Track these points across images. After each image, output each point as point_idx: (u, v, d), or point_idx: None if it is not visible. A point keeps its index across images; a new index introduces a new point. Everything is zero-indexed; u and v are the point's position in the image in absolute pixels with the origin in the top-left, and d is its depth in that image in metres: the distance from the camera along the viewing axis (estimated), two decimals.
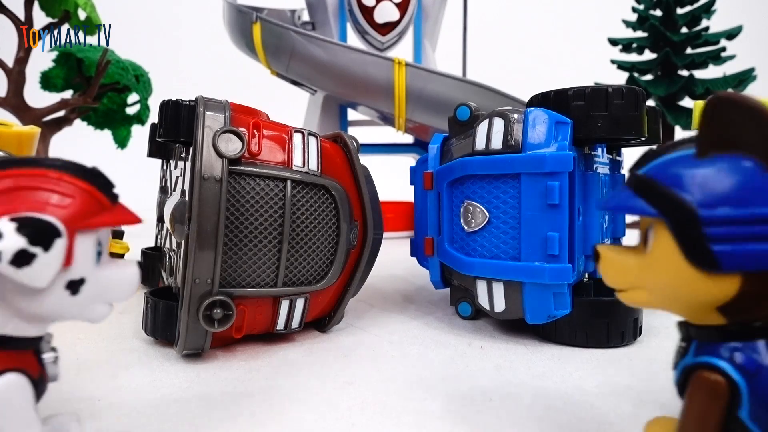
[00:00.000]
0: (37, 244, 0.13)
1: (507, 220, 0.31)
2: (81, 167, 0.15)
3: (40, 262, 0.13)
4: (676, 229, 0.14)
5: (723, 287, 0.14)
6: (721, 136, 0.14)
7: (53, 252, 0.14)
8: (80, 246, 0.15)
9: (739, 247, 0.13)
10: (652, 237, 0.15)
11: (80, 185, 0.15)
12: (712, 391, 0.14)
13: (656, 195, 0.14)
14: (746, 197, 0.14)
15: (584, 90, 0.30)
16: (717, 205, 0.14)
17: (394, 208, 0.80)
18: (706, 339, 0.15)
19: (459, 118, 0.35)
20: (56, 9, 0.78)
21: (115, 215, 0.15)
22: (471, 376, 0.26)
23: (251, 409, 0.23)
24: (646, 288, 0.15)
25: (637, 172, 0.15)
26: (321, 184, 0.30)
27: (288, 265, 0.29)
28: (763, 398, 0.14)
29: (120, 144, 0.95)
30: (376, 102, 0.74)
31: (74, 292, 0.15)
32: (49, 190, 0.14)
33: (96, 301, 0.16)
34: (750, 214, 0.13)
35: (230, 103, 0.29)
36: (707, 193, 0.14)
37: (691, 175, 0.14)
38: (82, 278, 0.15)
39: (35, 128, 0.51)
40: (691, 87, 0.99)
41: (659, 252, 0.15)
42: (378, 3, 0.81)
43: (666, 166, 0.15)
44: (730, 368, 0.14)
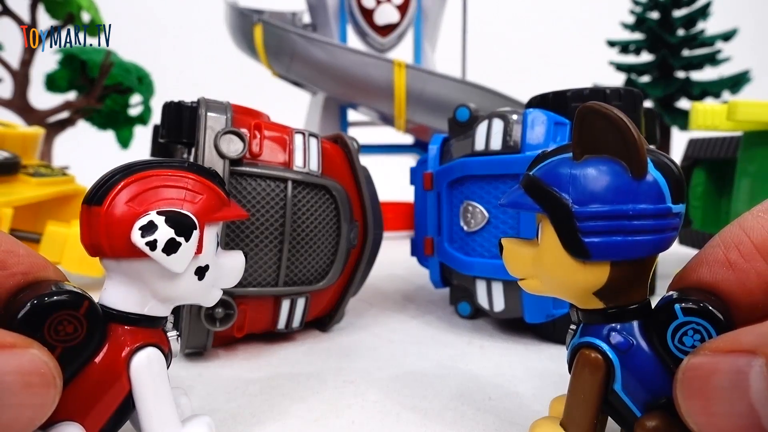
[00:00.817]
0: (181, 235, 0.16)
1: (506, 220, 0.31)
2: (203, 168, 0.18)
3: (182, 250, 0.16)
4: (556, 223, 0.16)
5: (595, 274, 0.16)
6: (591, 142, 0.16)
7: (192, 242, 0.16)
8: (207, 237, 0.17)
9: (606, 240, 0.15)
10: (541, 231, 0.17)
11: (206, 183, 0.17)
12: (591, 366, 0.16)
13: (541, 193, 0.16)
14: (612, 196, 0.15)
15: (582, 91, 0.31)
16: (588, 203, 0.15)
17: (394, 208, 0.80)
18: (590, 321, 0.17)
19: (458, 119, 0.35)
20: (60, 11, 0.79)
21: (232, 210, 0.18)
22: (471, 376, 0.27)
23: (252, 408, 0.23)
24: (537, 276, 0.17)
25: (527, 173, 0.17)
26: (322, 184, 0.30)
27: (289, 264, 0.29)
28: (634, 372, 0.16)
29: (123, 144, 0.96)
30: (376, 103, 0.75)
31: (201, 278, 0.17)
32: (183, 188, 0.17)
33: (214, 285, 0.18)
34: (615, 210, 0.15)
35: (232, 105, 0.29)
36: (580, 191, 0.16)
37: (567, 175, 0.16)
38: (207, 265, 0.17)
39: (39, 129, 0.51)
40: (687, 88, 0.99)
41: (545, 244, 0.17)
42: (378, 5, 0.82)
43: (550, 167, 0.17)
44: (605, 346, 0.16)
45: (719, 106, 0.43)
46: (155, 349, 0.17)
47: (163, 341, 0.17)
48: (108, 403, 0.16)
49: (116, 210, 0.16)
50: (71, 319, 0.15)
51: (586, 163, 0.16)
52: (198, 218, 0.16)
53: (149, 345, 0.17)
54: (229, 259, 0.18)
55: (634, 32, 1.07)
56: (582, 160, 0.16)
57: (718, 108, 0.43)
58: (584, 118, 0.16)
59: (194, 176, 0.17)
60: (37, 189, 0.43)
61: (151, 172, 0.17)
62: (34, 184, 0.43)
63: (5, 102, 0.78)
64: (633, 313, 0.16)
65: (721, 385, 0.13)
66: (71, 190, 0.47)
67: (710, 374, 0.13)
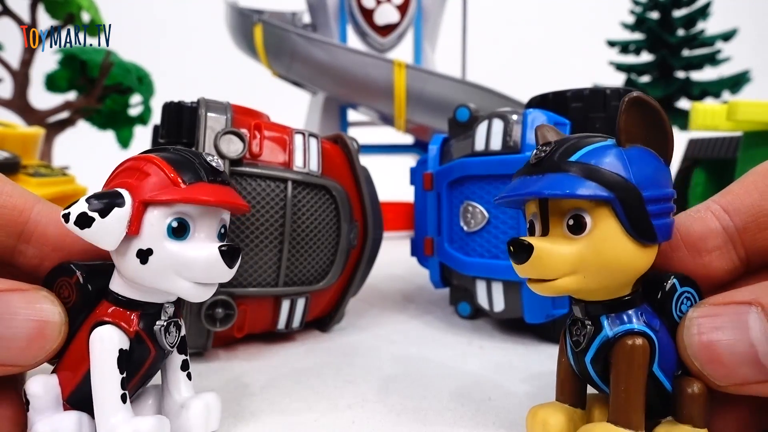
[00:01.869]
0: (95, 211, 0.16)
1: (506, 220, 0.31)
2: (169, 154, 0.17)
3: (97, 225, 0.16)
4: (627, 208, 0.16)
5: (650, 257, 0.16)
6: (635, 130, 0.16)
7: (109, 219, 0.16)
8: (149, 218, 0.16)
9: (664, 221, 0.16)
10: (591, 221, 0.16)
11: (160, 166, 0.17)
12: (643, 352, 0.16)
13: (608, 179, 0.16)
14: (662, 180, 0.16)
15: (582, 91, 0.31)
16: (647, 187, 0.16)
17: (394, 208, 0.80)
18: (614, 310, 0.17)
19: (458, 119, 0.35)
20: (60, 11, 0.79)
21: (183, 193, 0.16)
22: (470, 375, 0.27)
23: (252, 408, 0.23)
24: (578, 273, 0.16)
25: (569, 160, 0.16)
26: (322, 184, 0.30)
27: (289, 264, 0.29)
28: (662, 349, 0.17)
29: (123, 144, 0.96)
30: (376, 103, 0.75)
31: (143, 261, 0.16)
32: (139, 170, 0.17)
33: (170, 273, 0.17)
34: (666, 193, 0.16)
35: (232, 105, 0.29)
36: (640, 177, 0.16)
37: (625, 161, 0.16)
38: (149, 248, 0.16)
39: (39, 129, 0.51)
40: (687, 89, 0.99)
41: (602, 234, 0.16)
42: (378, 5, 0.82)
43: (600, 154, 0.16)
44: (646, 329, 0.16)
45: (719, 106, 0.43)
46: (112, 329, 0.17)
47: (130, 324, 0.17)
48: (80, 369, 0.17)
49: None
50: (66, 285, 0.18)
51: (633, 150, 0.16)
52: (134, 198, 0.16)
53: (108, 323, 0.17)
54: (193, 250, 0.17)
55: (634, 32, 1.07)
56: (628, 147, 0.16)
57: (718, 108, 0.43)
58: (633, 108, 0.16)
59: (155, 159, 0.17)
60: (37, 189, 0.43)
61: (133, 157, 0.18)
62: (34, 185, 0.43)
63: (5, 102, 0.78)
64: (643, 295, 0.17)
65: (723, 326, 0.15)
66: (71, 190, 0.47)
67: (714, 317, 0.15)
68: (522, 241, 0.16)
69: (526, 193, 0.17)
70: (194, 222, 0.17)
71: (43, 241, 0.18)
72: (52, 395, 0.17)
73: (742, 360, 0.15)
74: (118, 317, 0.17)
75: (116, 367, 0.17)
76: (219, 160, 0.18)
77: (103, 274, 0.18)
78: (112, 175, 0.18)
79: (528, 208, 0.18)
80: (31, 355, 0.16)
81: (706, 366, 0.16)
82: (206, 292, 0.17)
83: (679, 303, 0.17)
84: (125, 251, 0.17)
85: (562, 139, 0.18)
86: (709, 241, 0.17)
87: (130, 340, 0.17)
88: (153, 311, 0.18)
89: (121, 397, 0.17)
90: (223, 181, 0.18)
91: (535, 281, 0.17)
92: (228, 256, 0.17)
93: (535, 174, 0.17)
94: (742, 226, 0.17)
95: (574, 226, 0.16)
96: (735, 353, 0.15)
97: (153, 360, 0.18)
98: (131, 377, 0.18)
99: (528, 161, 0.18)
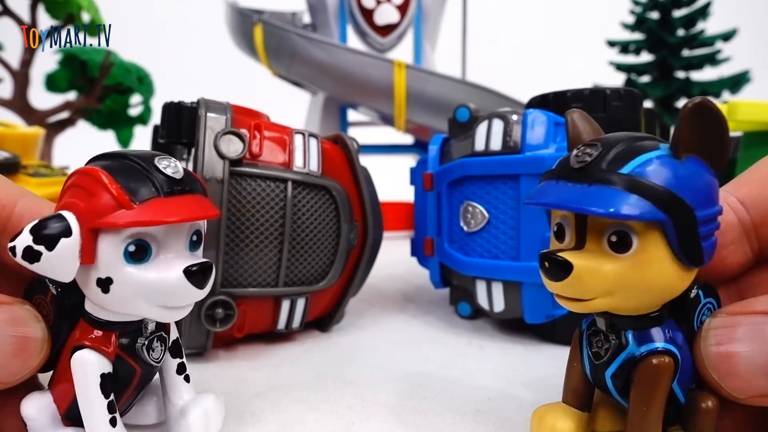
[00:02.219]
0: (40, 243, 0.14)
1: (506, 220, 0.31)
2: (117, 165, 0.15)
3: (45, 259, 0.14)
4: (679, 231, 0.14)
5: (690, 279, 0.15)
6: (695, 140, 0.15)
7: (57, 252, 0.14)
8: (103, 246, 0.15)
9: (709, 242, 0.15)
10: (637, 240, 0.14)
11: (106, 183, 0.15)
12: (668, 372, 0.15)
13: (664, 198, 0.14)
14: (711, 197, 0.15)
15: (582, 92, 0.31)
16: (701, 206, 0.15)
17: (394, 208, 0.80)
18: (641, 327, 0.16)
19: (458, 119, 0.35)
20: (60, 11, 0.79)
21: (133, 216, 0.14)
22: (470, 376, 0.27)
23: (252, 408, 0.23)
24: (615, 294, 0.15)
25: (619, 173, 0.14)
26: (322, 184, 0.30)
27: (289, 265, 0.29)
28: (684, 363, 0.16)
29: (123, 144, 0.96)
30: (376, 103, 0.75)
31: (104, 291, 0.15)
32: (83, 188, 0.15)
33: (136, 299, 0.15)
34: (715, 212, 0.15)
35: (231, 105, 0.29)
36: (693, 194, 0.14)
37: (682, 177, 0.14)
38: (108, 277, 0.15)
39: (39, 129, 0.51)
40: (687, 89, 0.99)
41: (649, 255, 0.14)
42: (378, 5, 0.82)
43: (654, 168, 0.14)
44: (672, 347, 0.16)
45: (719, 106, 0.43)
46: (90, 353, 0.16)
47: (108, 346, 0.16)
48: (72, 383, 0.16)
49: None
50: (44, 303, 0.17)
51: (689, 163, 0.15)
52: (81, 224, 0.15)
53: (86, 347, 0.16)
54: (156, 274, 0.15)
55: (634, 32, 1.07)
56: (684, 159, 0.15)
57: None
58: (696, 115, 0.14)
59: (100, 175, 0.15)
60: (37, 189, 0.43)
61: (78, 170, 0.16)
62: (34, 185, 0.43)
63: (5, 102, 0.78)
64: (670, 311, 0.16)
65: (742, 337, 0.15)
66: None
67: (733, 328, 0.15)
68: (558, 258, 0.15)
69: (572, 208, 0.15)
70: (156, 241, 0.15)
71: None
72: (47, 414, 0.17)
73: (761, 372, 0.14)
74: (96, 341, 0.16)
75: (100, 392, 0.16)
76: (177, 164, 0.16)
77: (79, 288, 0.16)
78: (62, 190, 0.16)
79: (555, 210, 0.17)
80: (11, 371, 0.16)
81: (724, 378, 0.15)
82: (178, 314, 0.16)
83: (701, 314, 0.16)
84: (85, 280, 0.15)
85: (607, 140, 0.15)
86: (726, 236, 0.17)
87: (111, 362, 0.16)
88: (132, 329, 0.17)
89: (110, 421, 0.16)
90: (183, 191, 0.16)
91: (568, 299, 0.15)
92: (195, 277, 0.15)
93: (578, 182, 0.15)
94: (760, 219, 0.16)
95: (617, 244, 0.15)
96: (754, 365, 0.14)
97: (140, 377, 0.17)
98: (120, 395, 0.17)
99: (567, 162, 0.16)
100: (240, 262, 0.28)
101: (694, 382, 0.16)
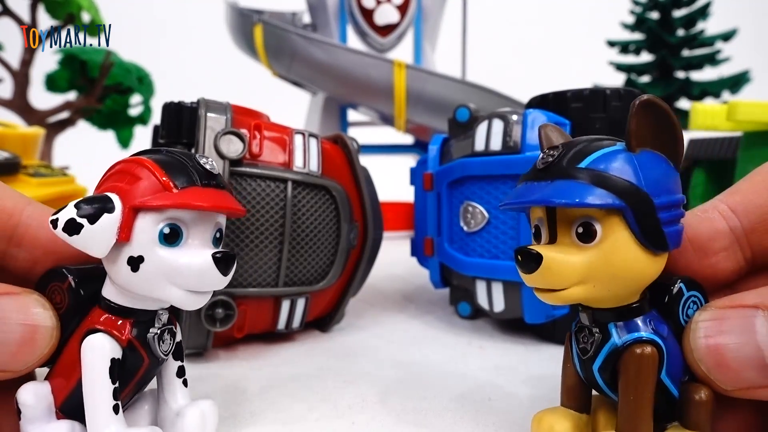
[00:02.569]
0: (84, 216, 0.15)
1: (506, 220, 0.31)
2: (162, 157, 0.17)
3: (86, 232, 0.15)
4: (639, 216, 0.15)
5: (660, 265, 0.16)
6: (646, 134, 0.16)
7: (100, 226, 0.15)
8: (140, 224, 0.16)
9: (674, 229, 0.16)
10: (601, 229, 0.15)
11: (150, 169, 0.16)
12: (652, 361, 0.16)
13: (619, 186, 0.15)
14: (671, 186, 0.16)
15: (582, 92, 0.31)
16: (658, 194, 0.15)
17: (394, 208, 0.80)
18: (623, 318, 0.17)
19: (458, 119, 0.35)
20: (60, 11, 0.79)
21: (174, 198, 0.16)
22: (470, 376, 0.27)
23: (252, 409, 0.23)
24: (587, 282, 0.16)
25: (578, 167, 0.16)
26: (322, 184, 0.30)
27: (289, 265, 0.29)
28: (670, 356, 0.16)
29: (123, 144, 0.96)
30: (376, 103, 0.75)
31: (134, 269, 0.16)
32: (129, 173, 0.16)
33: (162, 281, 0.16)
34: (676, 200, 0.16)
35: (231, 105, 0.29)
36: (651, 183, 0.15)
37: (636, 167, 0.15)
38: (140, 256, 0.16)
39: (39, 129, 0.51)
40: (687, 89, 0.99)
41: (614, 242, 0.15)
42: (378, 5, 0.82)
43: (610, 160, 0.15)
44: (655, 337, 0.16)
45: (719, 106, 0.43)
46: (103, 337, 0.16)
47: (122, 332, 0.17)
48: (73, 376, 0.17)
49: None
50: (59, 290, 0.17)
51: (643, 155, 0.16)
52: (123, 203, 0.16)
53: (100, 331, 0.16)
54: (185, 257, 0.16)
55: (634, 32, 1.07)
56: (639, 152, 0.16)
57: (718, 108, 0.43)
58: (644, 111, 0.15)
59: (147, 162, 0.16)
60: (37, 189, 0.43)
61: (124, 159, 0.17)
62: (34, 185, 0.43)
63: (5, 102, 0.78)
64: (650, 301, 0.17)
65: (730, 330, 0.15)
66: (71, 191, 0.47)
67: (721, 321, 0.15)
68: (530, 251, 0.16)
69: (534, 201, 0.16)
70: (187, 228, 0.16)
71: (35, 245, 0.18)
72: (44, 404, 0.17)
73: (749, 364, 0.15)
74: (110, 325, 0.17)
75: (108, 376, 0.16)
76: (214, 163, 0.18)
77: (96, 279, 0.17)
78: (104, 178, 0.17)
79: (533, 213, 0.18)
80: (21, 360, 0.16)
81: (712, 370, 0.15)
82: (200, 300, 0.17)
83: (686, 307, 0.17)
84: (116, 258, 0.16)
85: (570, 142, 0.17)
86: (716, 242, 0.17)
87: (122, 348, 0.17)
88: (146, 318, 0.17)
89: (113, 407, 0.16)
90: (217, 185, 0.17)
91: (544, 291, 0.16)
92: (222, 263, 0.16)
93: (542, 180, 0.16)
94: (750, 227, 0.17)
95: (583, 235, 0.16)
96: (741, 357, 0.15)
97: (146, 368, 0.18)
98: (124, 386, 0.17)
99: (534, 165, 0.17)
100: (240, 262, 0.28)
101: (687, 375, 0.17)
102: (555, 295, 0.16)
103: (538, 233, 0.17)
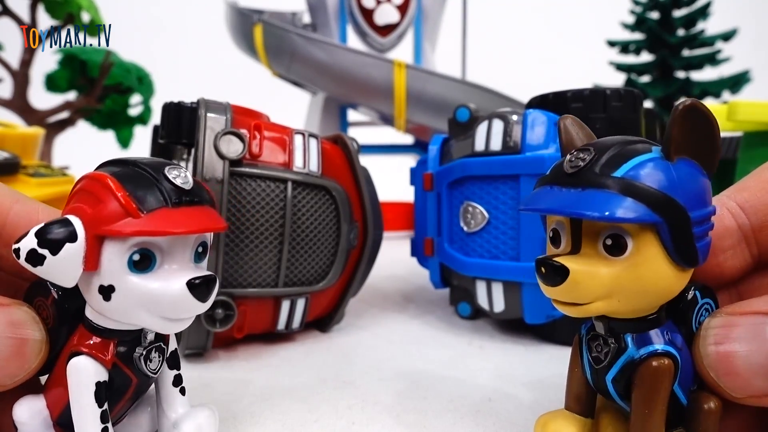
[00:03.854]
0: (45, 247, 0.14)
1: (506, 220, 0.31)
2: (126, 172, 0.15)
3: (49, 263, 0.14)
4: (673, 233, 0.14)
5: (687, 279, 0.15)
6: (686, 141, 0.15)
7: (61, 256, 0.14)
8: (107, 253, 0.15)
9: (704, 243, 0.15)
10: (632, 243, 0.14)
11: (114, 190, 0.15)
12: (668, 374, 0.15)
13: (658, 200, 0.14)
14: (704, 198, 0.15)
15: (582, 92, 0.31)
16: (695, 207, 0.15)
17: (394, 208, 0.80)
18: (640, 330, 0.16)
19: (458, 119, 0.35)
20: (60, 11, 0.79)
21: (140, 225, 0.14)
22: (470, 376, 0.27)
23: (252, 409, 0.23)
24: (612, 297, 0.15)
25: (613, 176, 0.14)
26: (322, 185, 0.30)
27: (289, 265, 0.29)
28: (684, 364, 0.16)
29: (123, 144, 0.96)
30: (376, 103, 0.75)
31: (106, 298, 0.15)
32: (91, 193, 0.15)
33: (137, 309, 0.15)
34: (709, 212, 0.15)
35: (231, 105, 0.29)
36: (687, 196, 0.14)
37: (674, 179, 0.14)
38: (110, 285, 0.15)
39: (39, 129, 0.51)
40: (687, 89, 0.99)
41: (645, 256, 0.14)
42: (378, 5, 0.82)
43: (647, 170, 0.14)
44: (671, 349, 0.16)
45: (719, 106, 0.43)
46: (87, 360, 0.16)
47: (106, 354, 0.16)
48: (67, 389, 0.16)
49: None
50: (44, 306, 0.17)
51: (681, 165, 0.15)
52: (86, 230, 0.14)
53: (83, 354, 0.16)
54: (159, 285, 0.15)
55: (634, 32, 1.07)
56: (676, 161, 0.15)
57: (718, 108, 0.43)
58: (686, 117, 0.14)
59: (109, 181, 0.15)
60: (37, 189, 0.43)
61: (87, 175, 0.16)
62: (34, 185, 0.43)
63: (5, 102, 0.78)
64: (667, 312, 0.16)
65: (740, 337, 0.15)
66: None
67: (732, 327, 0.15)
68: (554, 263, 0.15)
69: (565, 213, 0.15)
70: (161, 251, 0.15)
71: None
72: (39, 420, 0.16)
73: (759, 372, 0.14)
74: (93, 347, 0.16)
75: (94, 401, 0.15)
76: (188, 174, 0.16)
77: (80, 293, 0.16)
78: (71, 195, 0.16)
79: (550, 216, 0.17)
80: (9, 374, 0.15)
81: (722, 377, 0.15)
82: (179, 326, 0.16)
83: (699, 315, 0.16)
84: (87, 286, 0.15)
85: (601, 145, 0.15)
86: (725, 240, 0.17)
87: (107, 370, 0.16)
88: (131, 338, 0.16)
89: (102, 431, 0.16)
90: (191, 201, 0.16)
91: (566, 304, 0.15)
92: (198, 290, 0.15)
93: (572, 186, 0.15)
94: (759, 224, 0.16)
95: (612, 247, 0.15)
96: (752, 364, 0.14)
97: (136, 387, 0.17)
98: (115, 404, 0.17)
99: (560, 167, 0.16)
100: (240, 263, 0.28)
101: (696, 384, 0.16)
102: (579, 309, 0.15)
103: (556, 238, 0.16)
